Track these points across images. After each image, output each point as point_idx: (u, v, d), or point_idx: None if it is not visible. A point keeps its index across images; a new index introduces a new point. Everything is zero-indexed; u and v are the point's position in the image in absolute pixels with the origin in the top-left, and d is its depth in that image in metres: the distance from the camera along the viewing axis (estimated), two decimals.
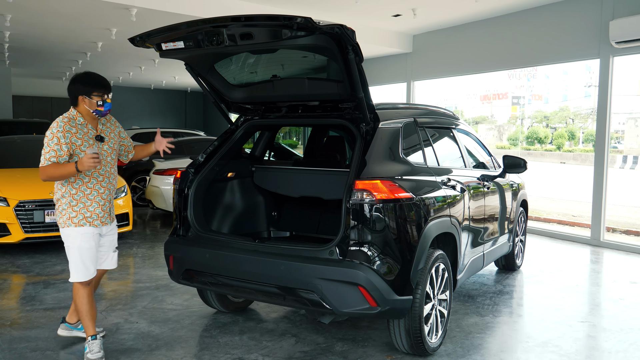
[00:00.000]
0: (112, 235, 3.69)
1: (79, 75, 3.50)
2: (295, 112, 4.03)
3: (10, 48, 11.74)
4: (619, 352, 3.87)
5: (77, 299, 3.51)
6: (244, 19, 3.04)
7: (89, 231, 3.46)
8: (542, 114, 26.90)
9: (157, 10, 7.63)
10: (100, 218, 3.50)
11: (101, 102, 3.44)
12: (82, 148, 3.41)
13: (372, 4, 8.36)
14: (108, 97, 3.48)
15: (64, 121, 3.40)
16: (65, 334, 3.82)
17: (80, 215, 3.44)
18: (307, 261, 3.27)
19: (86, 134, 3.46)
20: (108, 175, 3.56)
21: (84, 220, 3.44)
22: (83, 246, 3.45)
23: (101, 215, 3.51)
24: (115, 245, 3.74)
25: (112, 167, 3.60)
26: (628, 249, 7.41)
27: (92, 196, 3.47)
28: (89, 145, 3.43)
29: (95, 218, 3.48)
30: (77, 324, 3.81)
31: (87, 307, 3.51)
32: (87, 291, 3.52)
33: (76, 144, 3.40)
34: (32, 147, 8.04)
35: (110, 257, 3.71)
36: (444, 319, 3.82)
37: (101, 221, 3.51)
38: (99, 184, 3.50)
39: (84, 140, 3.43)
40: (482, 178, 4.81)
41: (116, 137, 3.67)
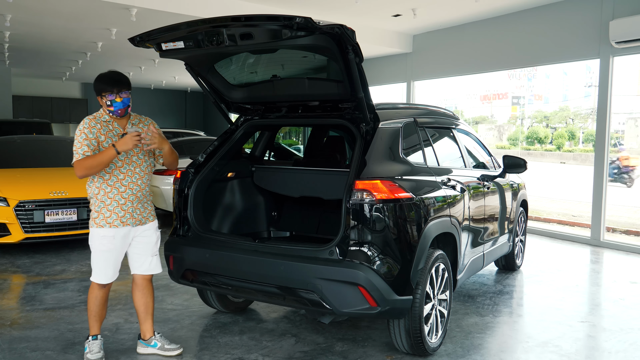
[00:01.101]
0: (146, 238, 3.53)
1: (98, 76, 3.43)
2: (295, 112, 4.02)
3: (10, 48, 11.74)
4: (619, 352, 3.87)
5: (89, 298, 3.49)
6: (244, 19, 3.04)
7: (109, 233, 3.37)
8: (542, 114, 26.90)
9: (157, 10, 7.63)
10: (121, 218, 3.38)
11: (109, 102, 3.33)
12: (105, 144, 3.35)
13: (372, 4, 8.36)
14: (119, 95, 3.33)
15: (89, 118, 3.40)
16: (142, 351, 3.66)
17: (101, 215, 3.37)
18: (307, 261, 3.27)
19: (111, 131, 3.41)
20: (131, 175, 3.42)
21: (103, 220, 3.36)
22: (101, 248, 3.39)
23: (121, 215, 3.38)
24: (153, 250, 3.57)
25: (137, 167, 3.45)
26: (628, 249, 7.41)
27: (112, 194, 3.37)
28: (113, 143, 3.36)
29: (115, 218, 3.37)
30: (150, 341, 3.65)
31: (97, 308, 3.50)
32: (101, 293, 3.48)
33: (99, 139, 3.35)
34: (32, 147, 8.07)
35: (147, 262, 3.55)
36: (444, 319, 3.82)
37: (122, 221, 3.38)
38: (119, 182, 3.39)
39: (107, 136, 3.38)
40: (482, 178, 4.81)
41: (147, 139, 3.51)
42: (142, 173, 3.49)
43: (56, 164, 7.57)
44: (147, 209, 3.55)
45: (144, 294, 3.62)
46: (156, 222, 3.63)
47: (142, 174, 3.49)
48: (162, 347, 3.63)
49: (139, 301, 3.63)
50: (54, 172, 7.25)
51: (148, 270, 3.60)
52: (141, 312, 3.64)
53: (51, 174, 7.15)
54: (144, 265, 3.57)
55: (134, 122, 3.52)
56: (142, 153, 3.51)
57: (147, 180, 3.53)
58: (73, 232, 6.56)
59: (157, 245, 3.62)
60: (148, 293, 3.64)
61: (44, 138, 8.90)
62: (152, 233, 3.57)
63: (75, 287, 5.22)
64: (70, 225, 6.53)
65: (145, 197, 3.53)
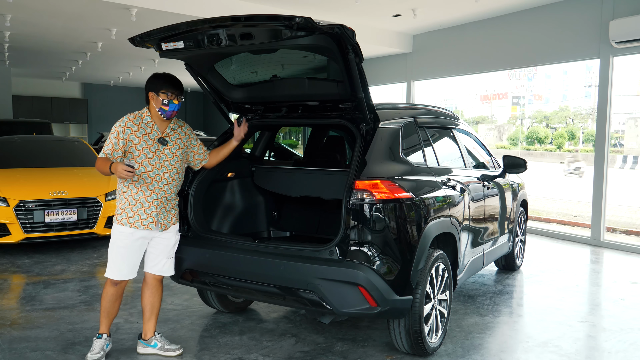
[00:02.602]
0: (166, 240, 3.55)
1: (154, 73, 3.50)
2: (295, 112, 4.02)
3: (10, 48, 11.74)
4: (619, 352, 3.87)
5: (103, 294, 3.52)
6: (243, 19, 3.04)
7: (128, 231, 3.39)
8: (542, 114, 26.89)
9: (157, 10, 7.63)
10: (143, 221, 3.39)
11: (167, 101, 3.39)
12: (139, 147, 3.36)
13: (372, 4, 8.36)
14: (176, 99, 3.41)
15: (129, 117, 3.41)
16: (143, 350, 3.66)
17: (124, 214, 3.40)
18: (307, 261, 3.27)
19: (148, 133, 3.41)
20: (159, 180, 3.42)
21: (126, 219, 3.39)
22: (118, 244, 3.43)
23: (144, 218, 3.39)
24: (170, 252, 3.60)
25: (167, 173, 3.44)
26: (628, 249, 7.41)
27: (137, 196, 3.38)
28: (147, 146, 3.38)
29: (137, 219, 3.38)
30: (151, 341, 3.65)
31: (109, 305, 3.52)
32: (113, 290, 3.50)
33: (133, 141, 3.35)
34: (32, 147, 8.07)
35: (162, 263, 3.57)
36: (444, 319, 3.81)
37: (143, 224, 3.39)
38: (145, 186, 3.39)
39: (142, 139, 3.38)
40: (482, 178, 4.81)
41: (183, 144, 3.55)
42: (170, 179, 3.48)
43: (56, 164, 7.58)
44: (171, 214, 3.55)
45: (152, 293, 3.62)
46: (177, 225, 3.63)
47: (170, 180, 3.49)
48: (162, 347, 3.63)
49: (147, 300, 3.63)
50: (54, 172, 7.26)
51: (161, 272, 3.61)
52: (147, 311, 3.64)
53: (51, 174, 7.16)
54: (157, 265, 3.59)
55: (173, 127, 3.55)
56: (175, 159, 3.51)
57: (174, 187, 3.53)
58: (73, 232, 6.56)
59: (174, 248, 3.63)
60: (156, 293, 3.64)
61: (44, 138, 8.90)
62: (171, 236, 3.59)
63: (75, 287, 5.22)
64: (70, 225, 6.53)
65: (170, 203, 3.54)
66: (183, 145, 3.58)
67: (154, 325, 3.68)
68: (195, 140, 3.69)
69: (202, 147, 3.73)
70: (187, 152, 3.62)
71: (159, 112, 3.43)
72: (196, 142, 3.69)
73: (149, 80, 3.50)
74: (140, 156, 3.38)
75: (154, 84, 3.44)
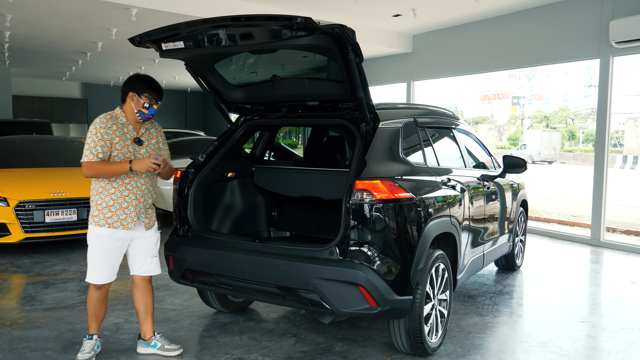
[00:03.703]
0: (147, 240, 3.53)
1: (137, 74, 3.48)
2: (295, 112, 4.02)
3: (10, 48, 11.74)
4: (619, 352, 3.87)
5: (88, 299, 3.52)
6: (243, 19, 3.04)
7: (106, 233, 3.36)
8: (542, 114, 26.88)
9: (157, 10, 7.63)
10: (122, 221, 3.37)
11: (148, 105, 3.38)
12: (117, 147, 3.35)
13: (372, 4, 8.36)
14: (156, 104, 3.42)
15: (106, 117, 3.37)
16: (142, 351, 3.66)
17: (101, 215, 3.37)
18: (307, 261, 3.27)
19: (125, 134, 3.40)
20: (137, 180, 3.40)
21: (103, 220, 3.36)
22: (97, 247, 3.40)
23: (123, 218, 3.37)
24: (153, 251, 3.57)
25: (144, 172, 3.42)
26: (628, 249, 7.41)
27: (115, 197, 3.36)
28: (125, 146, 3.37)
29: (115, 220, 3.36)
30: (150, 341, 3.65)
31: (94, 309, 3.52)
32: (97, 294, 3.49)
33: (112, 141, 3.34)
34: (32, 147, 8.07)
35: (147, 263, 3.55)
36: (444, 319, 3.81)
37: (122, 224, 3.37)
38: (124, 186, 3.37)
39: (121, 139, 3.37)
40: (482, 178, 4.81)
41: (156, 144, 3.55)
42: (147, 179, 3.48)
43: (56, 164, 7.57)
44: (149, 214, 3.55)
45: (144, 294, 3.62)
46: (157, 224, 3.64)
47: (148, 180, 3.49)
48: (162, 347, 3.63)
49: (139, 301, 3.63)
50: (54, 172, 7.25)
51: (147, 272, 3.60)
52: (141, 313, 3.64)
53: (51, 174, 7.15)
54: (143, 266, 3.57)
55: (147, 127, 3.54)
56: (158, 150, 3.52)
57: (151, 186, 3.52)
58: (73, 232, 6.56)
59: (157, 246, 3.62)
60: (147, 293, 3.64)
61: (44, 138, 8.91)
62: (152, 234, 3.57)
63: (75, 287, 5.22)
64: (70, 225, 6.53)
65: (149, 203, 3.53)
66: (156, 145, 3.57)
67: (152, 325, 3.68)
68: (164, 144, 3.66)
69: (167, 153, 3.65)
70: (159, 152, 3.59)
71: (137, 114, 3.41)
72: (164, 147, 3.64)
73: (131, 81, 3.44)
74: (119, 156, 3.35)
75: (137, 85, 3.40)
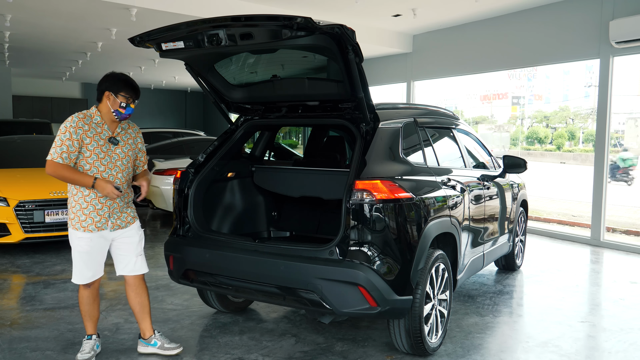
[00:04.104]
0: (128, 238, 3.49)
1: (113, 73, 3.41)
2: (295, 112, 4.02)
3: (10, 48, 11.74)
4: (619, 352, 3.87)
5: (79, 298, 3.53)
6: (243, 19, 3.04)
7: (85, 235, 3.34)
8: (542, 114, 26.90)
9: (157, 10, 7.63)
10: (96, 223, 3.33)
11: (124, 104, 3.33)
12: (90, 147, 3.28)
13: (372, 4, 8.36)
14: (133, 103, 3.37)
15: (78, 117, 3.31)
16: (143, 350, 3.66)
17: (76, 217, 3.33)
18: (307, 261, 3.27)
19: (99, 133, 3.34)
20: (112, 180, 3.36)
21: (79, 223, 3.33)
22: (78, 249, 3.38)
23: (97, 220, 3.33)
24: (137, 250, 3.53)
25: (120, 172, 3.39)
26: (628, 249, 7.41)
27: (89, 199, 3.32)
28: (98, 146, 3.31)
29: (90, 222, 3.32)
30: (150, 340, 3.64)
31: (87, 307, 3.52)
32: (87, 293, 3.50)
33: (84, 141, 3.27)
34: (32, 147, 8.06)
35: (132, 262, 3.51)
36: (444, 319, 3.81)
37: (97, 226, 3.33)
38: None
39: (94, 139, 3.30)
40: (482, 178, 4.81)
41: (133, 145, 3.50)
42: (123, 179, 3.42)
43: None
44: (126, 213, 3.49)
45: (138, 293, 3.59)
46: (137, 222, 3.58)
47: (123, 180, 3.43)
48: (162, 346, 3.63)
49: (134, 301, 3.61)
50: None
51: (133, 271, 3.54)
52: (137, 312, 3.63)
53: None
54: (128, 265, 3.53)
55: (123, 127, 3.48)
56: (127, 159, 3.44)
57: (127, 187, 3.47)
58: None
59: (140, 244, 3.57)
60: (142, 292, 3.61)
61: (44, 138, 8.89)
62: (134, 233, 3.52)
63: (75, 287, 5.17)
64: None
65: (126, 204, 3.49)
66: (134, 145, 3.51)
67: (150, 323, 3.67)
68: (142, 145, 3.60)
69: (144, 156, 3.64)
70: (134, 154, 3.53)
71: (114, 114, 3.35)
72: (142, 148, 3.60)
73: (107, 79, 3.37)
74: (92, 156, 3.30)
75: (113, 84, 3.33)
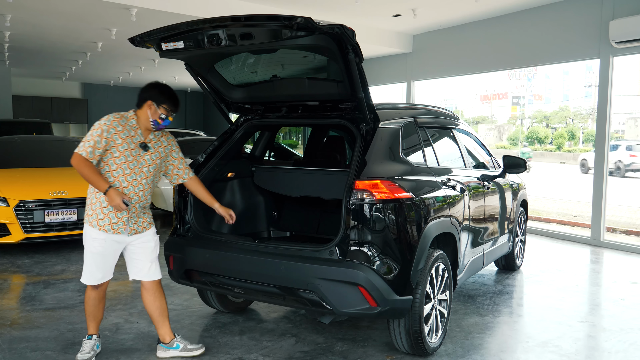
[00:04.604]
0: (144, 243, 3.47)
1: (159, 84, 3.45)
2: (295, 112, 4.02)
3: (10, 48, 11.74)
4: (619, 352, 3.87)
5: (85, 299, 3.51)
6: (243, 19, 3.04)
7: (99, 236, 3.32)
8: (542, 114, 26.88)
9: (157, 10, 7.63)
10: (114, 225, 3.31)
11: (164, 116, 3.38)
12: (120, 148, 3.28)
13: (372, 4, 8.36)
14: (171, 116, 3.43)
15: (114, 117, 3.33)
16: (164, 354, 3.61)
17: (95, 215, 3.32)
18: (307, 261, 3.27)
19: (132, 137, 3.34)
20: (136, 184, 3.35)
21: (96, 221, 3.31)
22: (92, 250, 3.36)
23: (115, 222, 3.31)
24: (151, 256, 3.51)
25: (144, 179, 3.38)
26: (628, 249, 7.41)
27: None
28: (128, 148, 3.31)
29: (107, 222, 3.30)
30: (172, 343, 3.61)
31: (92, 308, 3.50)
32: (94, 294, 3.48)
33: (115, 141, 3.27)
34: (32, 147, 8.07)
35: (146, 267, 3.49)
36: (444, 319, 3.82)
37: (113, 228, 3.31)
38: (121, 189, 3.29)
39: (125, 141, 3.31)
40: (482, 178, 4.81)
41: (164, 153, 3.50)
42: (146, 185, 3.42)
43: (56, 164, 7.57)
44: (143, 218, 3.48)
45: (156, 297, 3.56)
46: (153, 228, 3.57)
47: (146, 187, 3.43)
48: (185, 348, 3.61)
49: (152, 305, 3.57)
50: (54, 172, 7.25)
51: (147, 277, 3.53)
52: (156, 316, 3.59)
53: (51, 174, 7.15)
54: (142, 270, 3.52)
55: (157, 134, 3.51)
56: (153, 167, 3.45)
57: (148, 194, 3.47)
58: (73, 232, 6.56)
59: (155, 250, 3.55)
60: (160, 296, 3.58)
61: (44, 138, 8.91)
62: (150, 238, 3.52)
63: (75, 287, 5.22)
64: (70, 225, 6.54)
65: (144, 209, 3.49)
66: (164, 154, 3.51)
67: (169, 327, 3.64)
68: (177, 154, 3.61)
69: (183, 163, 3.62)
70: (165, 162, 3.55)
71: (152, 123, 3.38)
72: (177, 156, 3.60)
73: (151, 89, 3.42)
74: (120, 157, 3.30)
75: (157, 96, 3.38)
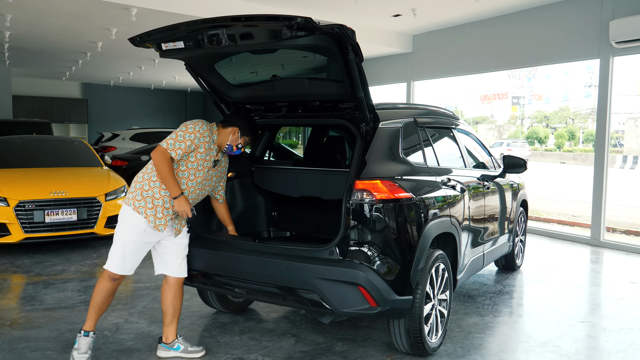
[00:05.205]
0: (179, 240, 3.53)
1: (250, 116, 3.65)
2: (295, 112, 4.03)
3: (10, 48, 11.75)
4: (619, 352, 3.87)
5: (97, 288, 3.42)
6: (243, 19, 3.04)
7: (142, 224, 3.32)
8: (542, 114, 26.90)
9: (157, 10, 7.63)
10: (157, 220, 3.33)
11: (241, 145, 3.54)
12: (198, 156, 3.39)
13: (372, 4, 8.36)
14: (245, 147, 3.60)
15: (206, 127, 3.42)
16: (164, 354, 3.61)
17: (144, 202, 3.32)
18: (307, 261, 3.27)
19: (212, 150, 3.47)
20: (192, 192, 3.44)
21: (144, 209, 3.31)
22: (129, 237, 3.34)
23: (159, 217, 3.33)
24: (183, 253, 3.57)
25: (201, 191, 3.51)
26: (628, 249, 7.41)
27: (164, 193, 3.34)
28: (204, 159, 3.42)
29: (153, 214, 3.32)
30: (173, 344, 3.62)
31: (101, 300, 3.42)
32: (109, 285, 3.41)
33: (198, 149, 3.38)
34: (32, 147, 8.07)
35: (177, 264, 3.55)
36: (444, 319, 3.82)
37: (156, 223, 3.33)
38: None
39: (206, 151, 3.43)
40: (482, 178, 4.81)
41: (220, 173, 3.66)
42: (200, 196, 3.54)
43: (56, 164, 7.58)
44: (178, 220, 3.52)
45: (176, 296, 3.59)
46: (187, 227, 3.64)
47: (199, 197, 3.54)
48: (186, 349, 3.61)
49: (169, 302, 3.58)
50: (54, 172, 7.26)
51: (176, 273, 3.57)
52: (169, 314, 3.60)
53: (51, 174, 7.16)
54: (172, 266, 3.55)
55: (221, 154, 3.64)
56: (212, 182, 3.58)
57: (200, 200, 3.58)
58: (73, 232, 6.56)
59: (187, 248, 3.62)
60: (180, 295, 3.61)
61: (44, 138, 8.90)
62: (184, 235, 3.58)
63: (75, 287, 5.22)
64: (70, 225, 6.54)
65: None
66: (220, 175, 3.67)
67: (176, 328, 3.65)
68: (226, 176, 3.78)
69: (224, 187, 3.79)
70: (217, 180, 3.68)
71: (226, 146, 3.52)
72: (225, 179, 3.77)
73: (244, 119, 3.57)
74: (195, 164, 3.40)
75: (246, 127, 3.54)
